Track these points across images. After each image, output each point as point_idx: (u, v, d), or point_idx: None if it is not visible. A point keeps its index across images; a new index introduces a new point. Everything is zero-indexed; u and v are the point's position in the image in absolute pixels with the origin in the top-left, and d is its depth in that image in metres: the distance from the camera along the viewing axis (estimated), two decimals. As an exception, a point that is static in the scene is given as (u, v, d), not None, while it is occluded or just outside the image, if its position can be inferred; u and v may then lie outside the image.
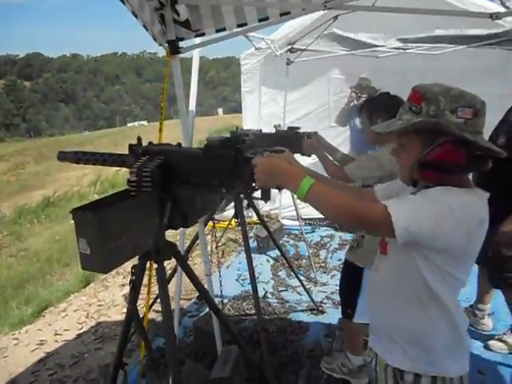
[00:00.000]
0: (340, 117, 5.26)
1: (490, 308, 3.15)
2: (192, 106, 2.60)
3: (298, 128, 2.74)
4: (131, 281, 1.65)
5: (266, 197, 1.43)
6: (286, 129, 2.93)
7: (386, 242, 1.40)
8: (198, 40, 2.46)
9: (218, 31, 2.32)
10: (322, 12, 4.08)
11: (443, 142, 1.19)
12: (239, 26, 2.29)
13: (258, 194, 1.44)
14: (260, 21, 2.24)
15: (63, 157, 1.75)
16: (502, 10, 2.67)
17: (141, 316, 2.33)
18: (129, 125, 51.04)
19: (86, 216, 1.25)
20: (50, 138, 40.04)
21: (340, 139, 5.53)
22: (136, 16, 2.03)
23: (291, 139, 2.62)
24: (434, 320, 1.29)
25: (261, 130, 2.91)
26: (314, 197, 1.23)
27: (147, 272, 2.41)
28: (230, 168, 1.40)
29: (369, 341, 1.53)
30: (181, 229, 2.75)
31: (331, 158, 2.53)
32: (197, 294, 3.95)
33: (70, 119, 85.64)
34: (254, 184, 1.36)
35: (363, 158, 2.31)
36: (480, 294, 3.11)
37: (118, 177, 13.33)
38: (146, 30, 2.16)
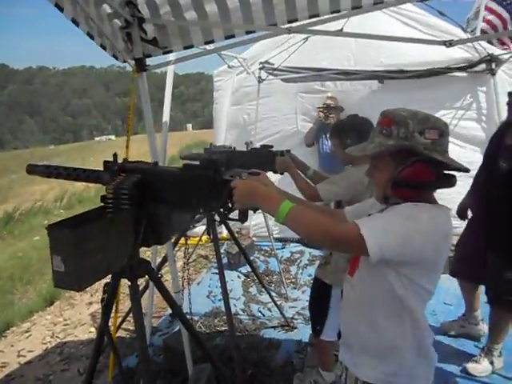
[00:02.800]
0: (308, 136, 5.36)
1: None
2: (166, 122, 2.61)
3: (271, 146, 2.78)
4: (103, 299, 1.62)
5: (243, 218, 1.45)
6: (258, 146, 2.95)
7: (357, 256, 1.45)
8: (170, 57, 2.49)
9: (185, 48, 2.37)
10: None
11: (415, 162, 1.27)
12: (206, 42, 2.34)
13: (234, 214, 1.46)
14: (226, 38, 2.30)
15: (32, 170, 1.68)
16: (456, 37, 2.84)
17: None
18: (96, 139, 50.07)
19: (62, 233, 1.22)
20: (14, 151, 38.80)
21: (307, 158, 5.63)
22: (92, 37, 2.04)
23: (264, 157, 2.65)
24: (404, 332, 1.34)
25: (234, 148, 2.92)
26: (291, 220, 1.28)
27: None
28: (208, 189, 1.42)
29: (339, 354, 1.56)
30: (153, 247, 2.74)
31: (303, 176, 2.58)
32: (167, 311, 3.90)
33: (35, 132, 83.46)
34: (231, 205, 1.39)
35: (335, 177, 2.38)
36: (469, 304, 3.26)
37: (85, 192, 13.04)
38: (104, 49, 2.17)
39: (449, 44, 2.27)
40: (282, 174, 2.63)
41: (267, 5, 2.19)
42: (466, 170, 1.32)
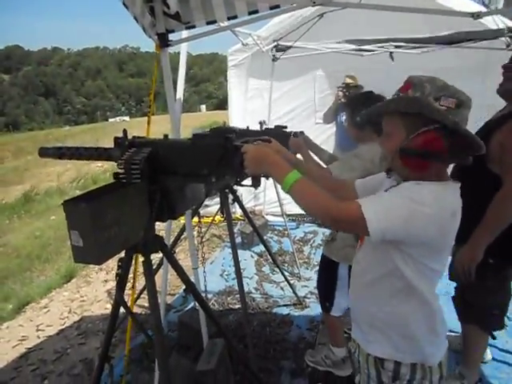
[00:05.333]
0: (326, 115, 5.28)
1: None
2: (179, 99, 2.60)
3: (285, 127, 2.74)
4: (117, 274, 1.65)
5: (256, 183, 1.44)
6: (272, 127, 2.92)
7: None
8: (185, 34, 2.46)
9: (208, 23, 2.33)
10: (308, 10, 4.14)
11: (426, 130, 1.21)
12: (229, 18, 2.31)
13: (247, 182, 1.46)
14: (250, 13, 2.25)
15: (45, 153, 1.70)
16: (484, 9, 2.73)
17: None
18: (110, 120, 50.35)
19: (79, 207, 1.23)
20: (29, 133, 39.04)
21: (324, 137, 5.60)
22: (127, 7, 2.02)
23: (278, 137, 2.61)
24: (412, 310, 1.32)
25: (248, 127, 2.90)
26: (296, 191, 1.26)
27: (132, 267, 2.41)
28: (220, 157, 1.41)
29: (351, 331, 1.56)
30: (167, 223, 2.76)
31: (316, 158, 2.54)
32: (181, 289, 3.96)
33: (50, 114, 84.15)
34: (243, 171, 1.38)
35: (346, 158, 2.33)
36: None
37: (100, 173, 13.17)
38: (137, 21, 2.15)
39: (476, 16, 2.16)
40: (294, 154, 2.60)
41: None
42: (481, 148, 1.24)
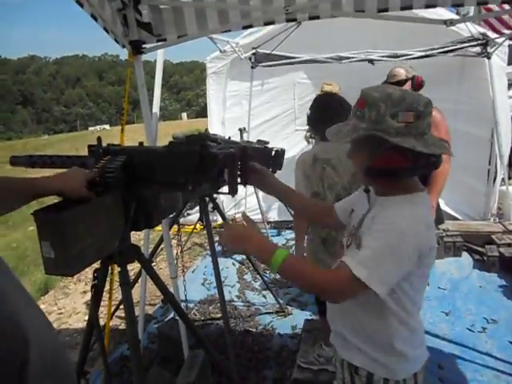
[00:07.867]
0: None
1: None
2: (156, 107, 2.57)
3: (267, 142, 2.73)
4: (93, 285, 1.61)
5: (233, 191, 1.42)
6: (254, 140, 2.89)
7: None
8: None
9: (179, 37, 2.32)
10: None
11: (387, 148, 1.19)
12: (202, 33, 2.30)
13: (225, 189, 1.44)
14: (223, 32, 2.27)
15: (16, 161, 1.67)
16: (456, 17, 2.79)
17: (103, 323, 2.25)
18: (90, 129, 49.95)
19: (49, 218, 1.19)
20: (6, 142, 38.44)
21: (304, 144, 5.62)
22: (95, 19, 1.99)
23: (260, 152, 2.60)
24: (390, 327, 1.30)
25: (229, 138, 2.88)
26: (283, 273, 1.24)
27: (109, 278, 2.36)
28: (196, 164, 1.39)
29: (330, 337, 1.54)
30: (145, 232, 2.73)
31: None
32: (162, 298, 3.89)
33: (28, 122, 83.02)
34: (221, 179, 1.37)
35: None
36: None
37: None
38: (107, 32, 2.12)
39: (449, 23, 2.19)
40: (274, 172, 2.58)
41: None
42: (448, 152, 1.22)
